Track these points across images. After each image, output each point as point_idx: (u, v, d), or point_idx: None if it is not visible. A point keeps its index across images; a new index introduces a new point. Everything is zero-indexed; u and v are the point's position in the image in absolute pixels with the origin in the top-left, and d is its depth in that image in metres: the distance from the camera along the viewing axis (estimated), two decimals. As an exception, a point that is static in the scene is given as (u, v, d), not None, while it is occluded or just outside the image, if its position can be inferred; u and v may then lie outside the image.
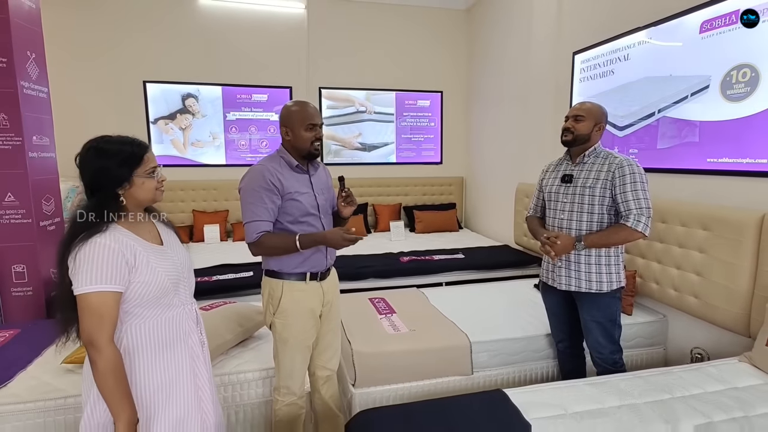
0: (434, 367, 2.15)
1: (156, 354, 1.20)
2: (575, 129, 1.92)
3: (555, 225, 2.01)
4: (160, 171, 1.24)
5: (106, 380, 1.08)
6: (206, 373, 1.34)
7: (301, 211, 1.67)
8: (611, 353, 1.95)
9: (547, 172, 2.14)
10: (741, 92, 2.14)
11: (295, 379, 1.75)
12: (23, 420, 1.74)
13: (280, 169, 1.66)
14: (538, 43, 3.74)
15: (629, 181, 1.81)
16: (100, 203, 1.14)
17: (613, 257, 1.92)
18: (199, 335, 1.35)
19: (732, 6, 2.17)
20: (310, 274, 1.70)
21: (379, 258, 3.74)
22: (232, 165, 4.90)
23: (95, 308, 1.07)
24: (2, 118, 2.58)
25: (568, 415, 1.50)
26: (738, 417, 1.49)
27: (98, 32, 4.36)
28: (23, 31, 2.67)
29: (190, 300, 1.33)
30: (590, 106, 1.96)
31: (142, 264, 1.15)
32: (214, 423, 1.35)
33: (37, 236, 2.76)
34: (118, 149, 1.16)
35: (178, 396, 1.24)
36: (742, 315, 2.02)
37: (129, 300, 1.15)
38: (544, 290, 2.15)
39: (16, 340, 2.20)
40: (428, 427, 1.44)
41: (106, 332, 1.08)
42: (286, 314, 1.68)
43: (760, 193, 2.07)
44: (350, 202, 1.74)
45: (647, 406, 1.54)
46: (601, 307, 1.92)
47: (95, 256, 1.08)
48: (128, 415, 1.10)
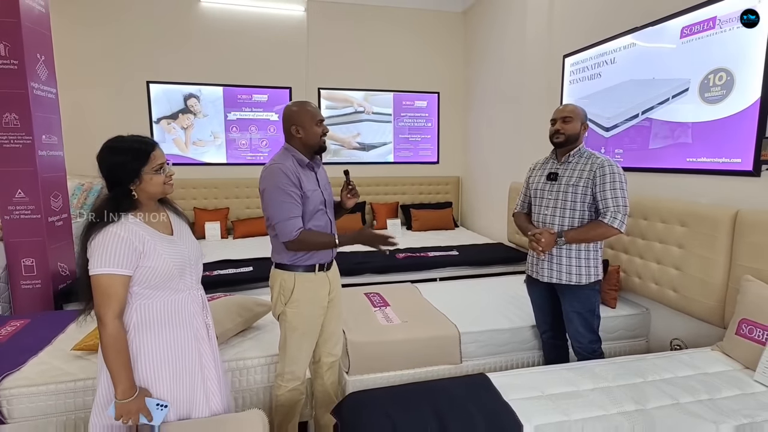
0: (425, 356, 2.26)
1: (161, 330, 1.33)
2: (565, 130, 2.02)
3: (540, 220, 2.12)
4: (169, 167, 1.35)
5: (108, 352, 1.23)
6: (211, 354, 1.46)
7: (313, 207, 1.77)
8: (590, 342, 2.05)
9: (534, 170, 2.24)
10: (717, 95, 2.25)
11: (300, 365, 1.87)
12: (36, 402, 1.84)
13: (295, 167, 1.75)
14: (530, 46, 3.85)
15: (609, 180, 1.92)
16: (116, 197, 1.28)
17: (591, 252, 2.02)
18: (205, 318, 1.47)
19: (710, 13, 2.27)
20: (318, 265, 1.81)
21: (375, 254, 3.82)
22: (233, 164, 5.01)
23: (104, 288, 1.22)
24: (13, 118, 2.70)
25: (544, 396, 1.60)
26: (704, 399, 1.59)
27: (103, 35, 4.49)
28: (33, 34, 2.79)
29: (196, 286, 1.45)
30: (573, 107, 2.06)
31: (150, 251, 1.27)
32: (221, 402, 1.46)
33: (45, 231, 2.88)
34: (128, 147, 1.29)
35: (183, 372, 1.35)
36: (717, 307, 2.13)
37: (138, 282, 1.28)
38: (530, 283, 2.25)
39: (27, 329, 2.31)
40: (415, 408, 1.54)
41: (112, 310, 1.22)
42: (299, 303, 1.79)
43: (734, 190, 2.18)
44: (354, 194, 1.89)
45: (619, 388, 1.64)
46: (581, 298, 2.03)
47: (107, 243, 1.22)
48: (125, 385, 1.24)
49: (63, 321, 2.43)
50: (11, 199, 2.79)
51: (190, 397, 1.38)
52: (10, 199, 2.78)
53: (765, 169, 2.05)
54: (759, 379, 1.68)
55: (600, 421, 1.47)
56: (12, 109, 2.71)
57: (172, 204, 1.47)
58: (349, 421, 1.53)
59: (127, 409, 1.24)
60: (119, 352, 1.23)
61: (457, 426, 1.43)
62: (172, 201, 1.47)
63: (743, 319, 1.85)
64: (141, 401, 1.26)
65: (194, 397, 1.39)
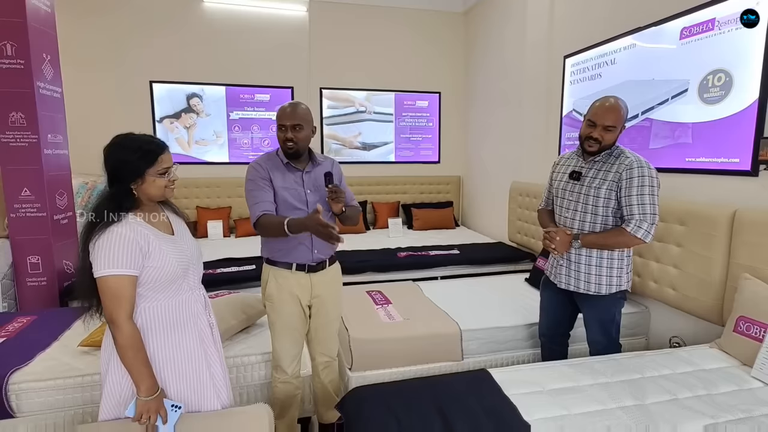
0: (426, 353, 2.28)
1: (167, 333, 1.32)
2: (603, 139, 1.77)
3: (561, 222, 2.01)
4: (174, 172, 1.34)
5: (126, 353, 1.22)
6: (216, 353, 1.47)
7: (287, 205, 1.80)
8: (605, 349, 1.97)
9: (558, 165, 2.08)
10: (716, 95, 2.27)
11: (284, 360, 1.89)
12: (44, 396, 1.87)
13: (271, 164, 1.84)
14: (531, 46, 3.88)
15: (636, 185, 1.73)
16: (116, 195, 1.26)
17: (616, 260, 1.86)
18: (208, 318, 1.48)
19: (709, 14, 2.30)
20: (296, 265, 1.84)
21: (377, 253, 3.88)
22: (235, 163, 5.04)
23: (113, 290, 1.20)
24: (20, 117, 2.73)
25: (544, 392, 1.63)
26: (702, 395, 1.62)
27: (108, 35, 4.52)
28: (39, 34, 2.82)
29: (198, 286, 1.46)
30: (617, 107, 1.78)
31: (155, 251, 1.27)
32: (227, 398, 1.48)
33: (51, 229, 2.91)
34: (137, 146, 1.27)
35: (191, 373, 1.36)
36: (716, 305, 2.15)
37: (143, 283, 1.28)
38: (545, 285, 2.16)
39: (34, 326, 2.34)
40: (417, 402, 1.56)
41: (124, 311, 1.21)
42: (272, 298, 1.85)
43: (733, 190, 2.21)
44: (335, 199, 1.76)
45: (618, 384, 1.67)
46: (599, 308, 1.93)
47: (112, 244, 1.20)
48: (148, 384, 1.24)
49: (69, 317, 2.46)
50: (17, 197, 2.82)
51: (199, 398, 1.38)
52: (16, 197, 2.82)
53: (763, 169, 2.08)
54: (756, 375, 1.71)
55: (599, 415, 1.49)
56: (18, 108, 2.74)
57: (171, 204, 1.47)
58: (353, 415, 1.56)
59: (148, 407, 1.23)
60: (138, 351, 1.23)
61: (459, 420, 1.45)
62: (170, 201, 1.47)
63: (741, 317, 1.88)
64: (161, 399, 1.26)
65: (204, 396, 1.39)
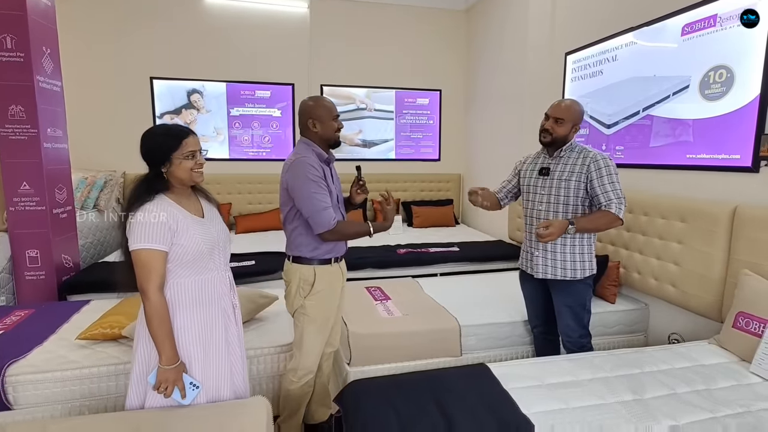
0: (425, 349, 2.28)
1: (194, 309, 1.41)
2: (554, 131, 2.00)
3: (533, 216, 2.11)
4: (201, 156, 1.42)
5: (151, 322, 1.32)
6: (236, 333, 1.55)
7: (332, 201, 1.78)
8: (579, 337, 2.05)
9: (525, 164, 2.23)
10: (717, 92, 2.27)
11: (314, 358, 1.87)
12: (41, 389, 1.87)
13: (317, 161, 1.75)
14: (533, 44, 3.87)
15: (605, 174, 1.92)
16: (149, 177, 1.38)
17: (586, 246, 2.01)
18: (232, 299, 1.55)
19: (711, 11, 2.29)
20: (334, 258, 1.84)
21: (377, 250, 3.87)
22: (236, 159, 5.04)
23: (144, 262, 1.30)
24: (19, 110, 2.72)
25: (543, 386, 1.63)
26: (700, 389, 1.61)
27: (108, 30, 4.51)
28: (39, 28, 2.81)
29: (225, 267, 1.53)
30: (570, 106, 2.02)
31: (183, 230, 1.36)
32: (243, 381, 1.55)
33: (50, 223, 2.90)
34: (163, 132, 1.39)
35: (211, 349, 1.44)
36: (715, 301, 2.15)
37: (171, 260, 1.37)
38: (522, 278, 2.24)
39: (31, 319, 2.33)
40: (416, 395, 1.56)
41: (153, 283, 1.31)
42: (321, 295, 1.80)
43: (734, 186, 2.20)
44: (364, 190, 1.92)
45: (617, 379, 1.67)
46: (573, 293, 2.02)
47: (145, 220, 1.32)
48: (169, 354, 1.33)
49: (67, 311, 2.45)
50: (17, 191, 2.81)
51: (216, 374, 1.46)
52: (15, 190, 2.81)
53: (764, 165, 2.07)
54: (755, 371, 1.70)
55: (598, 409, 1.49)
56: (18, 101, 2.73)
57: (204, 191, 1.56)
58: (351, 408, 1.55)
59: (167, 377, 1.32)
60: (162, 322, 1.32)
61: (457, 412, 1.45)
62: (204, 188, 1.56)
63: (740, 312, 1.87)
64: (180, 372, 1.35)
65: (220, 374, 1.46)
